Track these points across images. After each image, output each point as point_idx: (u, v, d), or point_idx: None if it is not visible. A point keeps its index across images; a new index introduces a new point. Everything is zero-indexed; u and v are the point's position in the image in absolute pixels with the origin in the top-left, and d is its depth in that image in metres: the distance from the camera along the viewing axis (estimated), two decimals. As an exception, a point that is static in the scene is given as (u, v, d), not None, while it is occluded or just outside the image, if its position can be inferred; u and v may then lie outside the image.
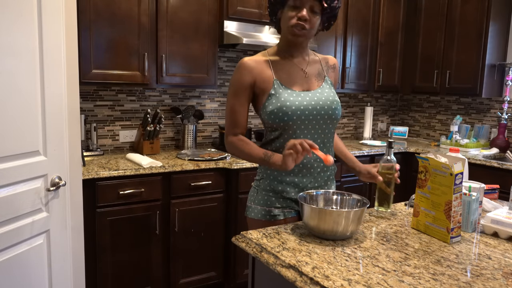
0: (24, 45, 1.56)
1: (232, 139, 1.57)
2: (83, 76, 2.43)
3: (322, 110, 1.53)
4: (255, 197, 1.61)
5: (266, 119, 1.53)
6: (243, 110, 1.56)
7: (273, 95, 1.51)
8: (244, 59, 1.56)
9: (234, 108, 1.56)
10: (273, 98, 1.51)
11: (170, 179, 2.54)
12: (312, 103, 1.52)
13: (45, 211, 1.73)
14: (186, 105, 3.17)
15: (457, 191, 1.29)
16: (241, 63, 1.55)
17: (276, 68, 1.55)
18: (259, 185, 1.61)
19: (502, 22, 3.37)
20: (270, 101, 1.51)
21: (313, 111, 1.52)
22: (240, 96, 1.55)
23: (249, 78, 1.54)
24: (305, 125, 1.51)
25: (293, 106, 1.49)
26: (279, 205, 1.56)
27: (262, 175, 1.61)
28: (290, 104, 1.49)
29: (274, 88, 1.52)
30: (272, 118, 1.50)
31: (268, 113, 1.51)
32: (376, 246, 1.26)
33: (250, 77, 1.54)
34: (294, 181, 1.55)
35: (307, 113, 1.50)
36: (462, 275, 1.08)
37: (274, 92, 1.51)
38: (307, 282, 1.04)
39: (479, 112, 3.72)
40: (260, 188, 1.60)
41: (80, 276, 1.97)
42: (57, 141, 1.75)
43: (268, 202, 1.57)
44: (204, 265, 2.73)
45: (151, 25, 2.63)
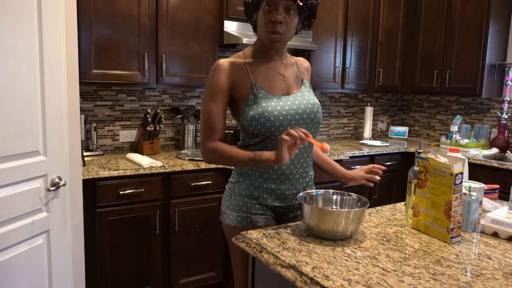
0: (24, 45, 1.56)
1: (212, 145, 1.46)
2: (83, 76, 2.43)
3: (304, 114, 1.48)
4: (230, 202, 1.53)
5: (246, 125, 1.45)
6: (221, 115, 1.47)
7: (253, 100, 1.44)
8: (221, 60, 1.48)
9: (211, 112, 1.46)
10: (253, 104, 1.44)
11: (170, 179, 2.54)
12: (294, 107, 1.46)
13: (45, 211, 1.73)
14: (186, 105, 3.17)
15: (457, 191, 1.29)
16: (218, 65, 1.47)
17: (254, 72, 1.48)
18: (233, 189, 1.54)
19: (502, 22, 3.37)
20: (251, 106, 1.44)
21: (295, 116, 1.46)
22: (217, 100, 1.45)
23: (226, 81, 1.45)
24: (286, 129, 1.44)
25: (275, 111, 1.42)
26: (255, 212, 1.49)
27: (238, 178, 1.53)
28: (271, 109, 1.42)
29: (254, 93, 1.45)
30: (254, 124, 1.43)
31: (249, 119, 1.43)
32: (376, 246, 1.26)
33: (228, 80, 1.46)
34: (272, 188, 1.49)
35: (289, 118, 1.44)
36: (462, 275, 1.08)
37: (254, 97, 1.44)
38: (307, 282, 1.04)
39: (479, 112, 3.72)
40: (234, 192, 1.53)
41: (80, 276, 1.97)
42: (57, 141, 1.75)
43: (243, 208, 1.50)
44: (204, 265, 2.73)
45: (151, 25, 2.63)
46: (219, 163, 1.50)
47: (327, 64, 3.45)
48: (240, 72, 1.47)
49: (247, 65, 1.49)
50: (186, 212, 2.60)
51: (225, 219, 1.54)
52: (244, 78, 1.47)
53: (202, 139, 1.49)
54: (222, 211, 1.57)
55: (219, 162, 1.49)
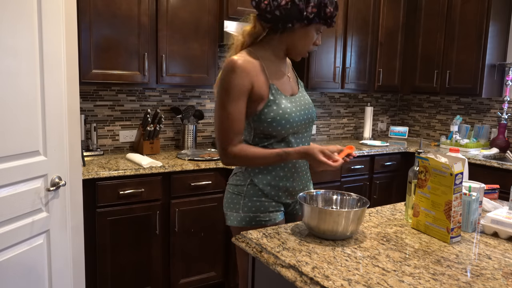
0: (24, 45, 1.56)
1: (235, 150, 1.44)
2: (83, 76, 2.43)
3: (308, 114, 1.54)
4: (241, 204, 1.53)
5: (265, 126, 1.45)
6: (243, 117, 1.44)
7: (273, 102, 1.45)
8: (237, 59, 1.41)
9: (233, 115, 1.41)
10: (273, 105, 1.44)
11: (170, 179, 2.54)
12: (302, 108, 1.52)
13: (45, 211, 1.73)
14: (186, 105, 3.17)
15: (457, 191, 1.29)
16: (237, 64, 1.40)
17: (269, 71, 1.48)
18: (243, 191, 1.54)
19: (502, 22, 3.37)
20: (270, 108, 1.44)
21: (304, 116, 1.52)
22: (239, 101, 1.41)
23: (248, 82, 1.41)
24: (298, 130, 1.51)
25: (292, 113, 1.47)
26: (272, 210, 1.53)
27: (251, 180, 1.53)
28: (289, 111, 1.46)
29: (272, 94, 1.45)
30: (274, 125, 1.45)
31: (269, 121, 1.44)
32: (376, 246, 1.26)
33: (249, 81, 1.41)
34: (286, 186, 1.55)
35: (300, 118, 1.50)
36: (462, 275, 1.08)
37: (273, 98, 1.45)
38: (307, 282, 1.04)
39: (479, 112, 3.72)
40: (248, 194, 1.53)
41: (80, 276, 1.97)
42: (57, 141, 1.75)
43: (261, 207, 1.52)
44: (204, 265, 2.73)
45: (151, 25, 2.63)
46: (246, 166, 1.51)
47: (327, 64, 3.45)
48: (257, 71, 1.44)
49: (262, 65, 1.47)
50: (186, 212, 2.60)
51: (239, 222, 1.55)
52: (261, 78, 1.45)
53: (223, 144, 1.44)
54: (228, 214, 1.58)
55: (242, 165, 1.52)
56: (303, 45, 1.49)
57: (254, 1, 1.47)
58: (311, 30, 1.47)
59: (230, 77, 1.41)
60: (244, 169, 1.56)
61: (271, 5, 1.42)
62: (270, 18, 1.45)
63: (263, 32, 1.51)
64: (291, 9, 1.40)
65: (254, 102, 1.45)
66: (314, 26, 1.46)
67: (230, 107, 1.41)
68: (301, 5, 1.39)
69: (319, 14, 1.43)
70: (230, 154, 1.45)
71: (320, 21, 1.44)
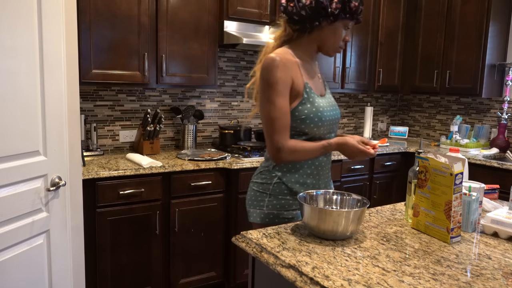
0: (24, 45, 1.56)
1: (290, 144, 1.46)
2: (83, 76, 2.43)
3: (336, 114, 1.59)
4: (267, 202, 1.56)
5: (298, 123, 1.49)
6: (289, 111, 1.47)
7: (307, 100, 1.49)
8: (276, 56, 1.45)
9: (284, 109, 1.43)
10: (308, 103, 1.48)
11: (170, 179, 2.54)
12: (330, 108, 1.57)
13: (45, 211, 1.73)
14: (186, 105, 3.17)
15: (457, 191, 1.29)
16: (278, 61, 1.43)
17: (303, 71, 1.52)
18: (268, 189, 1.56)
19: (502, 22, 3.37)
20: (305, 106, 1.48)
21: (333, 116, 1.57)
22: (286, 96, 1.44)
23: (289, 77, 1.45)
24: (328, 129, 1.56)
25: (324, 111, 1.51)
26: (295, 207, 1.57)
27: (277, 179, 1.55)
28: (322, 109, 1.51)
29: (307, 92, 1.49)
30: (307, 123, 1.48)
31: (303, 118, 1.48)
32: (376, 246, 1.26)
33: (290, 76, 1.45)
34: (313, 183, 1.58)
35: (331, 118, 1.55)
36: (462, 275, 1.08)
37: (308, 97, 1.49)
38: (307, 282, 1.04)
39: (479, 112, 3.72)
40: (274, 192, 1.55)
41: (80, 276, 1.97)
42: (57, 141, 1.75)
43: (286, 205, 1.55)
44: (204, 265, 2.73)
45: (151, 25, 2.63)
46: (297, 160, 1.53)
47: (327, 64, 3.45)
48: (294, 69, 1.48)
49: (298, 63, 1.50)
50: (186, 212, 2.60)
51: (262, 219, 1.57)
52: (298, 76, 1.49)
53: (276, 139, 1.45)
54: (251, 211, 1.60)
55: (297, 160, 1.52)
56: (333, 42, 1.53)
57: (281, 6, 1.53)
58: (338, 27, 1.50)
59: (274, 72, 1.43)
60: (272, 168, 1.58)
61: (296, 6, 1.47)
62: (297, 19, 1.49)
63: (294, 35, 1.55)
64: (316, 7, 1.44)
65: (290, 99, 1.48)
66: (341, 22, 1.49)
67: (278, 101, 1.43)
68: (325, 2, 1.44)
69: (344, 10, 1.46)
70: (287, 149, 1.45)
71: (346, 16, 1.48)
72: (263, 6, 2.96)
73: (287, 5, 1.50)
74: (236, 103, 3.43)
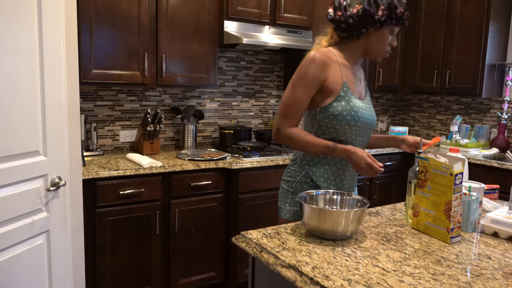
0: (24, 45, 1.56)
1: (290, 131, 1.54)
2: (83, 76, 2.43)
3: (371, 121, 1.61)
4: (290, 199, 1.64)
5: (331, 118, 1.53)
6: (306, 105, 1.54)
7: (343, 98, 1.53)
8: (317, 53, 1.53)
9: (300, 100, 1.52)
10: (343, 101, 1.52)
11: (170, 179, 2.54)
12: (367, 112, 1.59)
13: (45, 211, 1.73)
14: (186, 105, 3.17)
15: (457, 191, 1.29)
16: (317, 57, 1.51)
17: (344, 71, 1.56)
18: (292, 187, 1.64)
19: (502, 22, 3.37)
20: (340, 103, 1.52)
21: (367, 120, 1.59)
22: (310, 90, 1.52)
23: (322, 75, 1.51)
24: (359, 131, 1.58)
25: (358, 111, 1.54)
26: None
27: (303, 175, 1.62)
28: (356, 109, 1.53)
29: (344, 91, 1.53)
30: (339, 119, 1.52)
31: (336, 114, 1.52)
32: (376, 246, 1.26)
33: (324, 74, 1.52)
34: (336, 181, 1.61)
35: (365, 120, 1.57)
36: (462, 275, 1.08)
37: (344, 95, 1.53)
38: (307, 282, 1.04)
39: (479, 112, 3.72)
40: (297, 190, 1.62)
41: (80, 276, 1.97)
42: (57, 141, 1.75)
43: None
44: (204, 265, 2.73)
45: (151, 25, 2.63)
46: (292, 148, 1.60)
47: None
48: (333, 68, 1.54)
49: (340, 64, 1.56)
50: (186, 212, 2.60)
51: (284, 215, 1.66)
52: (336, 74, 1.54)
53: (280, 122, 1.55)
54: (280, 208, 1.68)
55: (292, 147, 1.59)
56: (379, 47, 1.58)
57: (329, 15, 1.58)
58: (385, 32, 1.55)
59: (308, 67, 1.52)
60: (299, 161, 1.64)
61: (344, 15, 1.52)
62: (345, 27, 1.55)
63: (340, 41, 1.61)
64: (363, 15, 1.50)
65: (324, 95, 1.53)
66: (387, 28, 1.54)
67: (299, 91, 1.52)
68: (372, 10, 1.49)
69: (391, 16, 1.50)
70: (284, 134, 1.55)
71: (393, 22, 1.52)
72: (263, 6, 2.96)
73: (334, 14, 1.56)
74: (236, 103, 3.43)
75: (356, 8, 1.50)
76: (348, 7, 1.51)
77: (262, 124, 3.60)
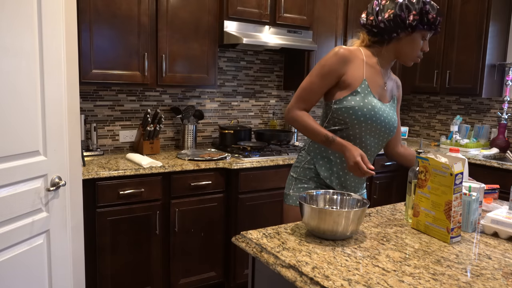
0: (24, 45, 1.56)
1: (297, 112, 1.61)
2: (83, 76, 2.43)
3: (387, 124, 1.61)
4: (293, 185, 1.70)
5: (343, 111, 1.56)
6: (320, 93, 1.60)
7: (359, 93, 1.55)
8: (345, 49, 1.57)
9: (313, 87, 1.58)
10: (358, 96, 1.55)
11: (170, 179, 2.54)
12: (384, 114, 1.59)
13: (45, 211, 1.73)
14: (186, 105, 3.17)
15: (457, 191, 1.29)
16: (342, 53, 1.56)
17: (367, 70, 1.59)
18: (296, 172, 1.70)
19: (502, 22, 3.37)
20: (354, 97, 1.55)
21: (382, 122, 1.59)
22: (325, 80, 1.57)
23: (342, 69, 1.55)
24: (371, 130, 1.58)
25: (372, 110, 1.55)
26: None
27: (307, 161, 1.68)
28: (371, 107, 1.55)
29: (362, 87, 1.56)
30: (351, 113, 1.55)
31: (348, 107, 1.55)
32: (376, 246, 1.26)
33: (343, 68, 1.55)
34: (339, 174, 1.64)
35: (378, 121, 1.58)
36: (462, 275, 1.08)
37: (361, 91, 1.55)
38: (307, 282, 1.04)
39: (479, 112, 3.72)
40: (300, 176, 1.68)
41: (80, 276, 1.97)
42: (57, 141, 1.75)
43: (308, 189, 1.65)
44: (204, 265, 2.73)
45: (151, 25, 2.63)
46: (296, 128, 1.65)
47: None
48: (356, 64, 1.57)
49: (364, 63, 1.59)
50: (186, 212, 2.60)
51: (287, 200, 1.71)
52: (357, 71, 1.57)
53: (292, 103, 1.63)
54: (285, 194, 1.73)
55: (296, 128, 1.64)
56: (410, 52, 1.59)
57: (361, 20, 1.62)
58: (416, 37, 1.56)
59: (329, 58, 1.57)
60: (308, 147, 1.71)
61: (375, 20, 1.56)
62: (376, 32, 1.59)
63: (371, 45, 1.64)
64: (395, 19, 1.52)
65: (341, 88, 1.57)
66: (419, 33, 1.55)
67: (315, 78, 1.58)
68: (403, 15, 1.51)
69: (422, 21, 1.52)
70: (291, 114, 1.63)
71: (424, 27, 1.53)
72: (263, 6, 2.96)
73: (366, 18, 1.59)
74: (236, 103, 3.43)
75: (388, 13, 1.53)
76: (381, 12, 1.54)
77: (262, 124, 3.60)
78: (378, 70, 1.62)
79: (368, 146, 1.63)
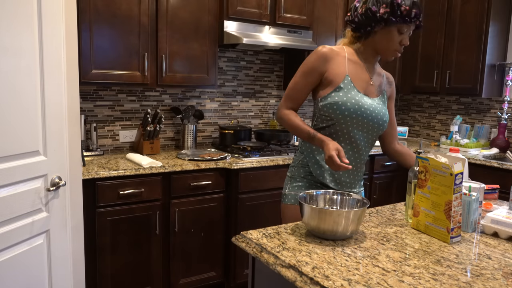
0: (24, 45, 1.56)
1: (285, 111, 1.67)
2: (83, 76, 2.43)
3: (375, 118, 1.62)
4: (289, 184, 1.72)
5: (328, 107, 1.58)
6: (305, 91, 1.65)
7: (342, 89, 1.58)
8: (326, 48, 1.62)
9: (297, 86, 1.64)
10: (341, 92, 1.58)
11: (170, 179, 2.54)
12: (371, 108, 1.60)
13: (45, 211, 1.73)
14: (186, 105, 3.17)
15: (457, 191, 1.29)
16: (322, 51, 1.61)
17: (350, 66, 1.62)
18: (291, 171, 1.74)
19: (502, 22, 3.37)
20: (337, 93, 1.58)
21: (369, 116, 1.60)
22: (308, 78, 1.62)
23: (323, 66, 1.60)
24: (357, 125, 1.60)
25: (356, 105, 1.57)
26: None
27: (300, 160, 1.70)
28: (355, 101, 1.57)
29: (344, 83, 1.59)
30: (334, 108, 1.57)
31: (332, 103, 1.57)
32: (376, 246, 1.26)
33: (324, 66, 1.60)
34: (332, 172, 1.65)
35: (364, 115, 1.59)
36: (462, 275, 1.08)
37: (343, 87, 1.58)
38: (307, 282, 1.04)
39: (479, 112, 3.72)
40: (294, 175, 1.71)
41: (80, 276, 1.97)
42: (57, 141, 1.75)
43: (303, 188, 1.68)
44: (204, 265, 2.73)
45: (151, 25, 2.63)
46: (284, 126, 1.69)
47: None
48: (337, 61, 1.61)
49: (346, 59, 1.62)
50: (186, 212, 2.60)
51: (283, 200, 1.73)
52: (338, 67, 1.60)
53: (281, 103, 1.70)
54: (282, 194, 1.76)
55: (284, 126, 1.69)
56: (387, 46, 1.60)
57: (346, 16, 1.67)
58: (391, 31, 1.56)
59: (311, 57, 1.63)
60: (300, 146, 1.74)
61: (352, 15, 1.62)
62: (354, 26, 1.63)
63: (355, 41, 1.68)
64: (366, 13, 1.56)
65: (325, 85, 1.61)
66: (394, 26, 1.55)
67: (299, 78, 1.65)
68: (374, 8, 1.54)
69: (394, 14, 1.52)
70: (278, 113, 1.69)
71: (397, 19, 1.53)
72: (263, 6, 2.96)
73: (348, 16, 1.65)
74: (236, 103, 3.43)
75: (362, 8, 1.57)
76: (358, 8, 1.59)
77: (262, 124, 3.60)
78: (362, 65, 1.65)
79: (358, 141, 1.63)
